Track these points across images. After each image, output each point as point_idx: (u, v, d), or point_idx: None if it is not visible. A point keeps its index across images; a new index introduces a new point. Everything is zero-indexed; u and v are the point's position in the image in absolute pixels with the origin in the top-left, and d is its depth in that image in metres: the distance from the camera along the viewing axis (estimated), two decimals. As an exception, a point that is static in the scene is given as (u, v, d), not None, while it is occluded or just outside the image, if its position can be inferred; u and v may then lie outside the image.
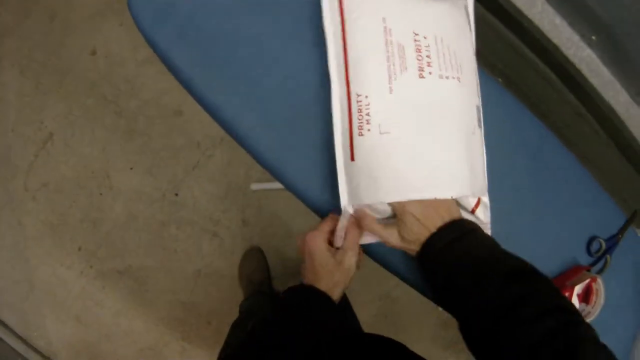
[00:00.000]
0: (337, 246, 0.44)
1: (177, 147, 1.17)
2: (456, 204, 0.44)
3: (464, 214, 0.44)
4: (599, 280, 0.55)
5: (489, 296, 0.34)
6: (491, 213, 0.47)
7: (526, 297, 0.33)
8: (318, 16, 0.45)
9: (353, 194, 0.41)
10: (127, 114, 1.18)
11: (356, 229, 0.43)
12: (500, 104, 0.56)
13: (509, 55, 0.76)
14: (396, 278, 0.51)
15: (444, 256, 0.38)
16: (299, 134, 0.48)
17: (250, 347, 0.39)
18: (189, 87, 0.48)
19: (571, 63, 0.68)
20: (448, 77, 0.41)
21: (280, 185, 0.50)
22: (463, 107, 0.42)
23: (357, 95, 0.40)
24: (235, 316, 0.90)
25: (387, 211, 0.42)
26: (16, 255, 1.17)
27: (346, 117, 0.41)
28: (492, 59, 0.80)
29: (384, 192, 0.40)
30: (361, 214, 0.42)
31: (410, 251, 0.41)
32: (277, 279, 1.17)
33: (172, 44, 0.47)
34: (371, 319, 1.21)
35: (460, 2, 0.46)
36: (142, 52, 1.17)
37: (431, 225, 0.39)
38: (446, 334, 1.25)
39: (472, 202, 0.45)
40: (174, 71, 0.48)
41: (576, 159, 0.66)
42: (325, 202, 0.47)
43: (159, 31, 0.47)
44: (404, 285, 0.51)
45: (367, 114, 0.39)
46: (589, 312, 0.56)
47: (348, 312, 0.75)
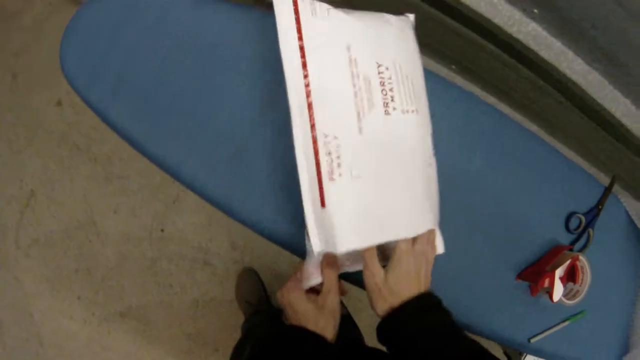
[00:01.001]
0: (306, 288, 0.42)
1: (155, 184, 1.17)
2: None
3: None
4: (582, 257, 0.54)
5: None
6: (456, 216, 0.47)
7: None
8: (255, 52, 0.44)
9: (327, 241, 0.38)
10: (102, 159, 1.19)
11: (331, 268, 0.41)
12: (447, 99, 0.55)
13: (456, 43, 0.74)
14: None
15: (415, 323, 0.37)
16: (245, 173, 0.48)
17: None
18: (129, 140, 0.49)
19: (517, 40, 0.66)
20: (409, 110, 0.39)
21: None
22: (421, 140, 0.41)
23: (325, 135, 0.36)
24: (238, 339, 0.90)
25: (353, 257, 0.42)
26: (20, 313, 1.20)
27: (313, 161, 0.37)
28: (441, 49, 0.78)
29: (362, 238, 0.38)
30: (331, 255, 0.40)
31: (382, 302, 0.38)
32: (274, 294, 1.18)
33: (107, 101, 0.48)
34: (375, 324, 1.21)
35: (407, 23, 0.44)
36: (106, 96, 1.17)
37: (421, 286, 0.38)
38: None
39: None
40: (112, 127, 0.49)
41: (539, 137, 0.64)
42: (285, 235, 0.48)
43: (93, 91, 0.48)
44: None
45: (338, 157, 0.36)
46: (577, 291, 0.55)
47: (348, 322, 0.75)
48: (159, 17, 0.48)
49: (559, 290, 0.52)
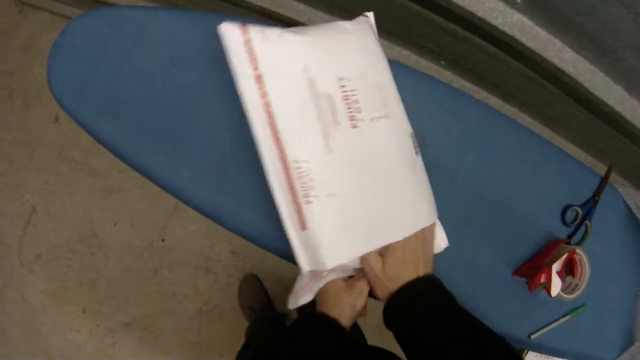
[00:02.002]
0: (295, 307, 0.43)
1: (154, 194, 1.18)
2: None
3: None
4: (579, 250, 0.53)
5: (447, 355, 0.34)
6: (451, 215, 0.47)
7: (480, 357, 0.33)
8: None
9: (315, 260, 0.39)
10: (100, 172, 1.20)
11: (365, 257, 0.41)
12: (434, 96, 0.54)
13: (443, 38, 0.74)
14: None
15: (416, 304, 0.38)
16: (233, 181, 0.48)
17: None
18: (118, 155, 0.49)
19: (502, 32, 0.65)
20: (379, 117, 0.39)
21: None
22: (398, 143, 0.41)
23: (296, 162, 0.37)
24: (243, 345, 0.90)
25: (350, 266, 0.42)
26: (27, 329, 1.21)
27: (286, 188, 0.38)
28: (428, 45, 0.77)
29: (350, 251, 0.39)
30: None
31: (383, 290, 0.40)
32: (277, 299, 1.18)
33: (94, 118, 0.48)
34: (378, 328, 1.20)
35: (365, 24, 0.43)
36: (101, 109, 1.19)
37: (419, 269, 0.39)
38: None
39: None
40: (100, 142, 0.49)
41: (530, 130, 0.63)
42: (278, 242, 0.47)
43: (80, 108, 0.48)
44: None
45: (311, 180, 0.37)
46: (576, 285, 0.54)
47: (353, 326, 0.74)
48: (137, 32, 0.48)
49: (556, 285, 0.51)
